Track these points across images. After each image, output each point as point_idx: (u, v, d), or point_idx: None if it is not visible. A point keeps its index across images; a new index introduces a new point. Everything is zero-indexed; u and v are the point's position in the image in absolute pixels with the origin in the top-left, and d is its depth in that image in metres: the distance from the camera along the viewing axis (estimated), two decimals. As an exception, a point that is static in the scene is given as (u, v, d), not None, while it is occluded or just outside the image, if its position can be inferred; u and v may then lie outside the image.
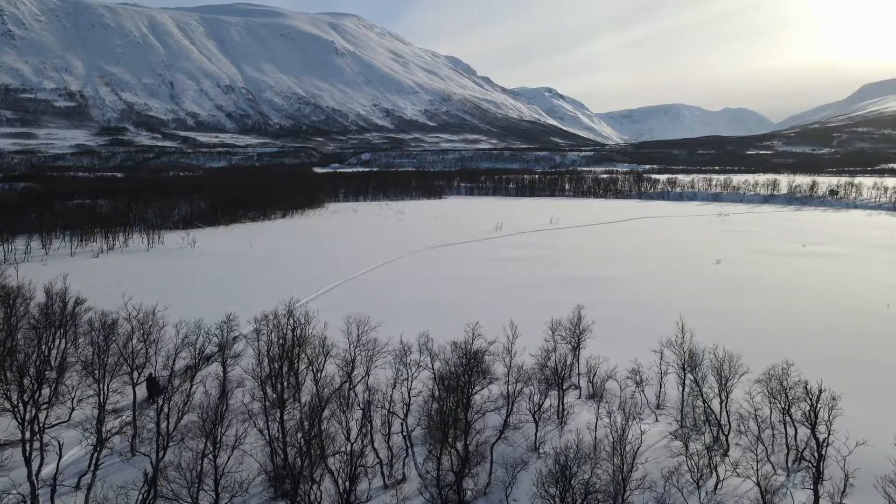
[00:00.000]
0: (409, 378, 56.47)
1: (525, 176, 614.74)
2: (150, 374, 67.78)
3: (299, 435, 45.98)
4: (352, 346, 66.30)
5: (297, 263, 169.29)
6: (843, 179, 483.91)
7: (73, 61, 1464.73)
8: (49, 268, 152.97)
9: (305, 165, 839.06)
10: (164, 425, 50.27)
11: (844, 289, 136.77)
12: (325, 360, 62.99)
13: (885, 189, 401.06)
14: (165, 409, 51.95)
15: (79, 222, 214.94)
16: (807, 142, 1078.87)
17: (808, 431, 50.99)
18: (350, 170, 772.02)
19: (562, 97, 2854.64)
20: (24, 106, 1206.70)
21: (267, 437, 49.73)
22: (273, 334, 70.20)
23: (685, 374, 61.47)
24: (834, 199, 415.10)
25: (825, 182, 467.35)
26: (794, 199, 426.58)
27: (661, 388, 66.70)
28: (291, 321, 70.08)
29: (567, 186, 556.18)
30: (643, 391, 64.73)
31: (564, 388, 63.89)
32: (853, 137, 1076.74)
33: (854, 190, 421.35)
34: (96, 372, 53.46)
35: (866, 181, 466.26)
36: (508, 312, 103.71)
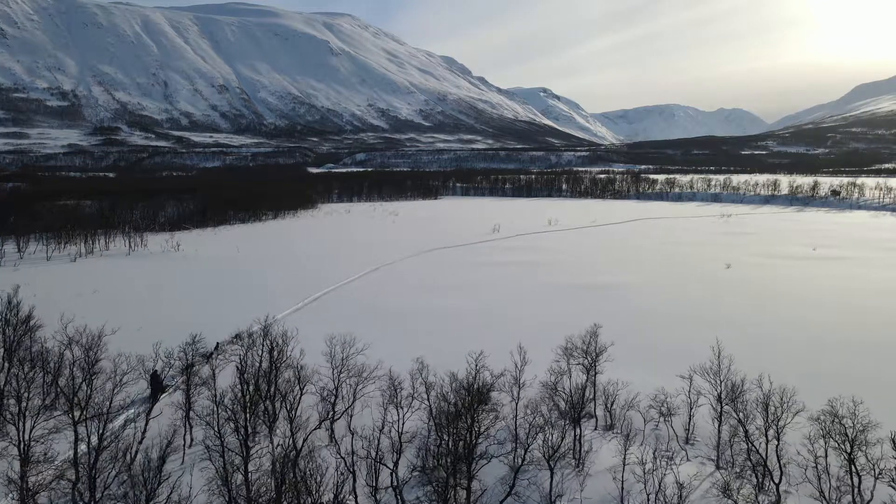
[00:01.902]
0: (401, 420, 47.36)
1: (521, 176, 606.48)
2: (154, 371, 62.10)
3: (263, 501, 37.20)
4: (335, 370, 57.68)
5: (284, 269, 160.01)
6: (846, 180, 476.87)
7: (66, 60, 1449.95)
8: (20, 273, 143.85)
9: (300, 165, 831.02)
10: (105, 476, 41.65)
11: (874, 298, 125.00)
12: (301, 395, 53.97)
13: (889, 189, 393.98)
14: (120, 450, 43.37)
15: (61, 224, 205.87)
16: (801, 142, 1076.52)
17: (874, 479, 42.82)
18: (344, 170, 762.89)
19: (557, 97, 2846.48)
20: (16, 105, 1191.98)
21: (227, 497, 40.85)
22: (248, 356, 61.70)
23: (721, 407, 52.92)
24: (836, 200, 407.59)
25: (826, 182, 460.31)
26: (796, 199, 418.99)
27: (690, 420, 57.94)
28: (268, 342, 61.33)
29: (564, 187, 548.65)
30: (671, 423, 56.13)
31: (578, 415, 55.26)
32: (847, 138, 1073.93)
33: (857, 190, 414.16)
34: (13, 415, 44.43)
35: (868, 181, 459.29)
36: (513, 328, 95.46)
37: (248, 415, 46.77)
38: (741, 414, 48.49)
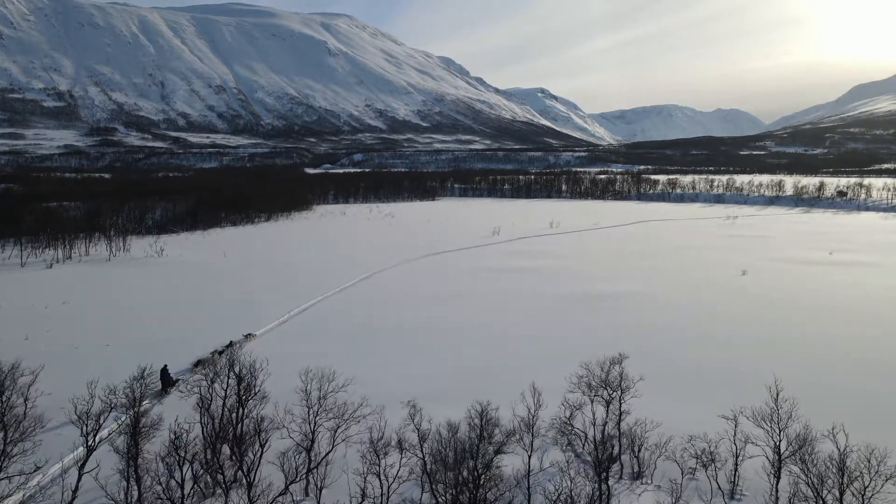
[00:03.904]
0: (386, 494, 37.76)
1: (520, 177, 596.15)
2: (164, 366, 62.24)
3: None
4: (310, 412, 48.20)
5: (272, 276, 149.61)
6: (852, 180, 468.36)
7: (62, 61, 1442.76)
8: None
9: (297, 166, 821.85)
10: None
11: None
12: (262, 454, 44.23)
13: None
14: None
15: (44, 227, 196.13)
16: (799, 142, 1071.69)
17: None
18: (342, 170, 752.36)
19: (555, 98, 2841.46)
20: (12, 106, 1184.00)
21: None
22: (212, 386, 52.37)
23: (780, 460, 43.48)
24: (843, 201, 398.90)
25: (831, 183, 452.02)
26: (801, 200, 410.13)
27: (735, 471, 48.41)
28: (232, 378, 51.67)
29: (564, 187, 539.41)
30: (715, 476, 46.67)
31: (607, 472, 45.93)
32: (845, 138, 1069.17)
33: (864, 191, 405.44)
34: None
35: (876, 182, 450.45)
36: (521, 351, 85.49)
37: (184, 492, 37.16)
38: (813, 478, 38.61)
